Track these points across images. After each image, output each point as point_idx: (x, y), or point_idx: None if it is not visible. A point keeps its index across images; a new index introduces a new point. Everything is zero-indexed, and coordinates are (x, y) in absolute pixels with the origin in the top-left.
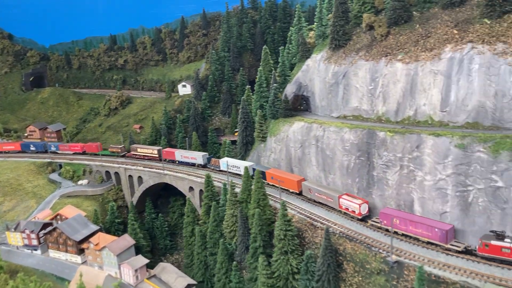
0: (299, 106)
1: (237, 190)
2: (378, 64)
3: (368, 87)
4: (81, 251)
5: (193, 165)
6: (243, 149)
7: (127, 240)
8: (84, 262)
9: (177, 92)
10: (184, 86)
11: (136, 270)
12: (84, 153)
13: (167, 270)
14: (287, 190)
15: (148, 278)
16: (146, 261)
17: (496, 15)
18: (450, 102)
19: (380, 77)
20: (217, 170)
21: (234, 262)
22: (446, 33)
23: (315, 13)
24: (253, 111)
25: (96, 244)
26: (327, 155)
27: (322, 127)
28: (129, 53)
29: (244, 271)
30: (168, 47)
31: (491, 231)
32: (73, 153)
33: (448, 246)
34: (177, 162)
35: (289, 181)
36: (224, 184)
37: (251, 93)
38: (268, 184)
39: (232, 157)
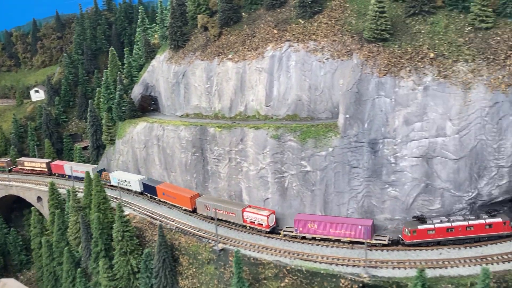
0: (149, 106)
1: (81, 195)
2: (212, 64)
3: (205, 85)
4: None
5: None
6: (95, 154)
7: None
8: None
9: (31, 98)
10: (37, 91)
11: None
12: None
13: (9, 286)
14: (180, 207)
15: None
16: None
17: (308, 16)
18: (273, 97)
19: (214, 75)
20: (108, 185)
21: (79, 269)
22: (268, 33)
23: (157, 14)
24: (102, 114)
25: None
26: (167, 153)
27: (161, 126)
28: None
29: (92, 277)
30: (20, 51)
31: (413, 217)
32: None
33: (373, 241)
34: (67, 176)
35: (181, 197)
36: (68, 191)
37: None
38: (160, 201)
39: (85, 162)
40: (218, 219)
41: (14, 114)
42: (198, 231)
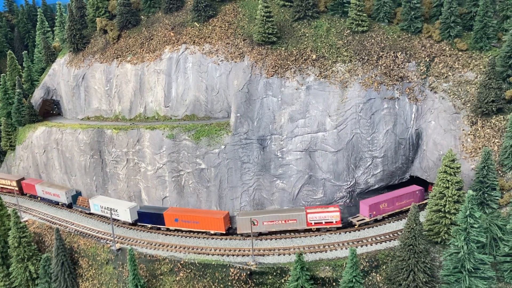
0: (52, 111)
1: None
2: (111, 66)
3: (105, 88)
4: None
5: (57, 203)
6: None
7: None
8: None
9: None
10: None
11: None
12: None
13: None
14: (205, 232)
15: None
16: None
17: (203, 19)
18: (172, 98)
19: (113, 78)
20: (86, 213)
21: None
22: (165, 36)
23: (56, 17)
24: (1, 119)
25: None
26: (67, 157)
27: (60, 130)
28: None
29: None
30: None
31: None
32: None
33: (424, 202)
34: (38, 198)
35: (209, 220)
36: None
37: None
38: (168, 229)
39: None
40: (267, 234)
41: None
42: (96, 233)
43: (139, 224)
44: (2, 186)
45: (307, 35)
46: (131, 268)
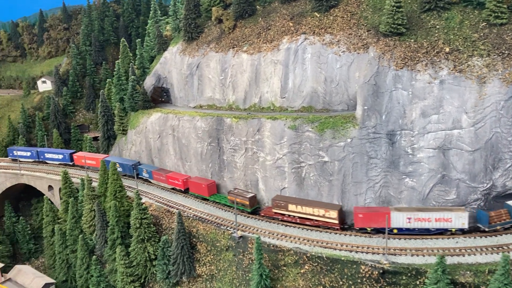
0: (160, 98)
1: (95, 184)
2: (226, 55)
3: (219, 77)
4: None
5: (443, 232)
6: (106, 144)
7: None
8: None
9: (38, 88)
10: (44, 82)
11: None
12: (186, 191)
13: (24, 272)
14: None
15: (2, 283)
16: None
17: (324, 9)
18: (289, 89)
19: (229, 67)
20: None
21: (94, 256)
22: (284, 26)
23: (170, 6)
24: (113, 104)
25: None
26: (183, 143)
27: (177, 116)
28: None
29: (107, 264)
30: (26, 42)
31: None
32: (172, 189)
33: None
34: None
35: None
36: (82, 180)
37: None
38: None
39: (95, 152)
40: None
41: (22, 104)
42: (215, 219)
43: None
44: (303, 216)
45: (437, 27)
46: (257, 257)
